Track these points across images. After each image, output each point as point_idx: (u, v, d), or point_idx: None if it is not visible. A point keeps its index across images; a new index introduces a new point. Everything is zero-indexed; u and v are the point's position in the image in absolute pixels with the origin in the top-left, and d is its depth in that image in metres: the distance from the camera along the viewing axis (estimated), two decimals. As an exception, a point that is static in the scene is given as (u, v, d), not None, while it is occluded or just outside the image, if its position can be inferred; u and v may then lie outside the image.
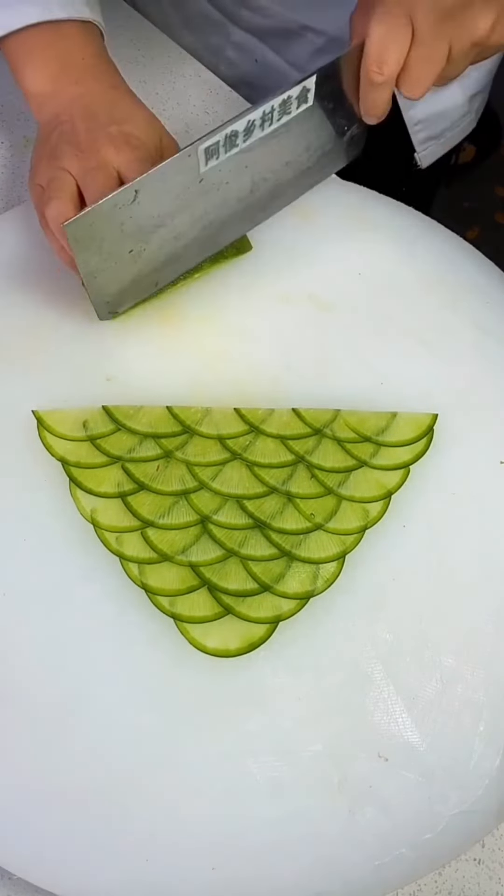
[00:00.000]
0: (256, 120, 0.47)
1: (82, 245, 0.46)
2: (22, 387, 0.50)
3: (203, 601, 0.45)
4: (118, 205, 0.45)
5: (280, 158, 0.52)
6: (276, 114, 0.48)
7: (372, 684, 0.44)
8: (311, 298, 0.55)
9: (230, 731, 0.42)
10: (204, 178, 0.48)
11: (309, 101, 0.49)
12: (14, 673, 0.43)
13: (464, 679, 0.44)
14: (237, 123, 0.46)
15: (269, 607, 0.45)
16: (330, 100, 0.51)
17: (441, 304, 0.56)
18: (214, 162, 0.47)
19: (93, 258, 0.47)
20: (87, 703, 0.42)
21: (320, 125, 0.52)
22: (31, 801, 0.41)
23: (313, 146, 0.54)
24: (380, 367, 0.53)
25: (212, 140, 0.46)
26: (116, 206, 0.45)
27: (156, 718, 0.42)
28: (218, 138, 0.46)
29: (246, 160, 0.50)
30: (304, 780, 0.41)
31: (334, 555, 0.46)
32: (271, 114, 0.47)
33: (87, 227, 0.45)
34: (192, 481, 0.47)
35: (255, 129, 0.47)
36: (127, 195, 0.45)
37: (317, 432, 0.49)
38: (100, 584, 0.45)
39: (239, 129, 0.47)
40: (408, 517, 0.48)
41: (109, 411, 0.49)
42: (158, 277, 0.53)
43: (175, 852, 0.40)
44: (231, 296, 0.55)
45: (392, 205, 0.62)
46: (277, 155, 0.52)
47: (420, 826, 0.41)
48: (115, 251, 0.48)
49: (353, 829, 0.41)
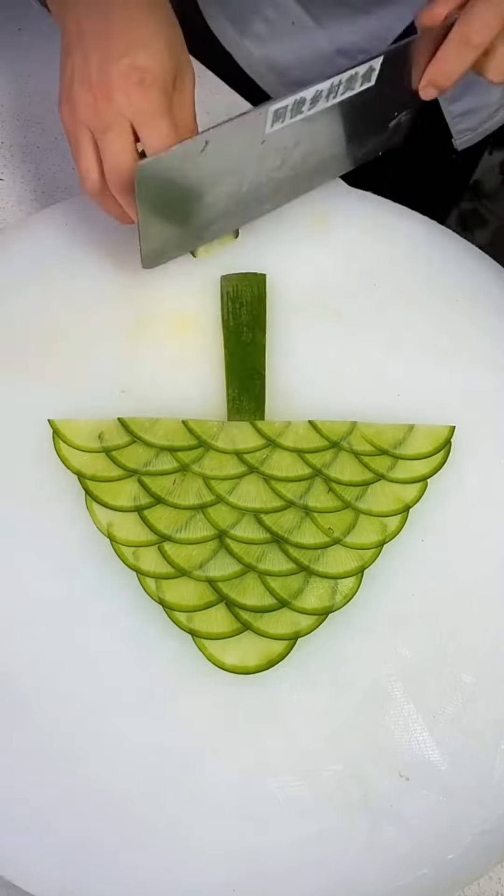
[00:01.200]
0: (323, 91, 0.49)
1: (146, 190, 0.47)
2: (36, 395, 0.50)
3: (221, 617, 0.44)
4: (187, 153, 0.47)
5: (335, 133, 0.55)
6: (342, 87, 0.50)
7: (392, 701, 0.43)
8: (326, 309, 0.55)
9: (249, 750, 0.42)
10: (266, 140, 0.50)
11: (372, 81, 0.51)
12: (29, 689, 0.42)
13: (485, 696, 0.44)
14: (305, 92, 0.49)
15: (287, 623, 0.44)
16: (389, 83, 0.52)
17: (457, 315, 0.56)
18: (279, 125, 0.50)
19: (154, 204, 0.48)
20: (103, 720, 0.42)
21: (375, 107, 0.55)
22: (46, 820, 0.40)
23: (365, 127, 0.56)
24: (396, 378, 0.53)
25: (281, 104, 0.48)
26: (186, 154, 0.47)
27: (173, 736, 0.42)
28: (287, 102, 0.48)
29: (306, 130, 0.52)
30: (325, 799, 0.41)
31: (352, 570, 0.46)
32: (338, 87, 0.50)
33: (155, 172, 0.46)
34: (209, 495, 0.47)
35: (321, 99, 0.50)
36: (197, 145, 0.47)
37: (334, 445, 0.49)
38: (116, 599, 0.44)
39: (307, 96, 0.49)
40: (426, 531, 0.48)
41: (125, 423, 0.49)
42: (204, 233, 0.54)
43: (195, 873, 0.40)
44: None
45: (407, 214, 0.61)
46: (333, 130, 0.54)
47: (442, 846, 0.41)
48: (175, 200, 0.49)
49: (375, 849, 0.40)
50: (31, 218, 0.59)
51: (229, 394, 0.51)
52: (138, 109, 0.47)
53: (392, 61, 0.50)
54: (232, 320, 0.54)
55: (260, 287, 0.55)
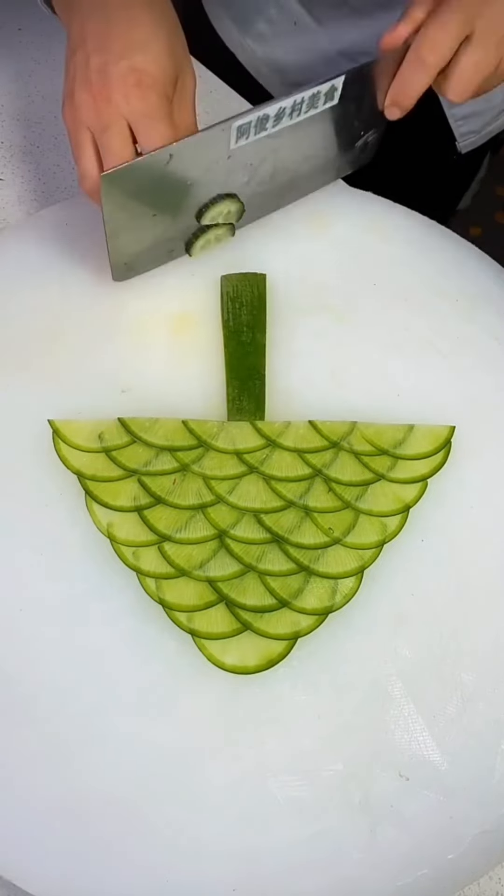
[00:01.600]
0: (287, 108, 0.50)
1: (112, 199, 0.47)
2: (36, 395, 0.50)
3: (221, 617, 0.44)
4: (153, 165, 0.47)
5: (301, 152, 0.55)
6: (304, 106, 0.51)
7: (392, 702, 0.43)
8: (326, 309, 0.55)
9: (249, 750, 0.42)
10: (232, 156, 0.50)
11: (335, 100, 0.52)
12: (30, 689, 0.42)
13: (485, 696, 0.44)
14: (269, 108, 0.49)
15: (287, 623, 0.44)
16: (353, 102, 0.53)
17: (457, 315, 0.56)
18: (244, 141, 0.50)
19: (119, 215, 0.48)
20: (103, 720, 0.42)
21: (341, 125, 0.55)
22: (46, 820, 0.40)
23: (331, 145, 0.57)
24: (396, 378, 0.53)
25: (245, 119, 0.49)
26: (151, 166, 0.47)
27: (173, 736, 0.42)
28: (251, 119, 0.49)
29: (271, 147, 0.52)
30: (325, 799, 0.41)
31: (352, 570, 0.46)
32: (301, 105, 0.50)
33: (119, 182, 0.46)
34: (209, 495, 0.47)
35: (285, 116, 0.50)
36: (162, 157, 0.47)
37: (333, 445, 0.49)
38: (116, 599, 0.44)
39: (270, 113, 0.49)
40: (426, 531, 0.48)
41: (125, 423, 0.49)
42: (174, 246, 0.54)
43: (195, 872, 0.40)
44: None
45: (407, 214, 0.61)
46: (299, 148, 0.55)
47: (442, 846, 0.41)
48: (141, 211, 0.49)
49: (375, 850, 0.40)
50: (31, 218, 0.59)
51: (229, 394, 0.51)
52: (136, 110, 0.47)
53: (354, 81, 0.51)
54: (232, 320, 0.54)
55: (260, 287, 0.55)
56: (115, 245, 0.51)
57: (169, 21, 0.50)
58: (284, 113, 0.50)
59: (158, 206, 0.50)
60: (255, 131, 0.50)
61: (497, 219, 1.75)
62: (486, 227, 1.62)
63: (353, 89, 0.52)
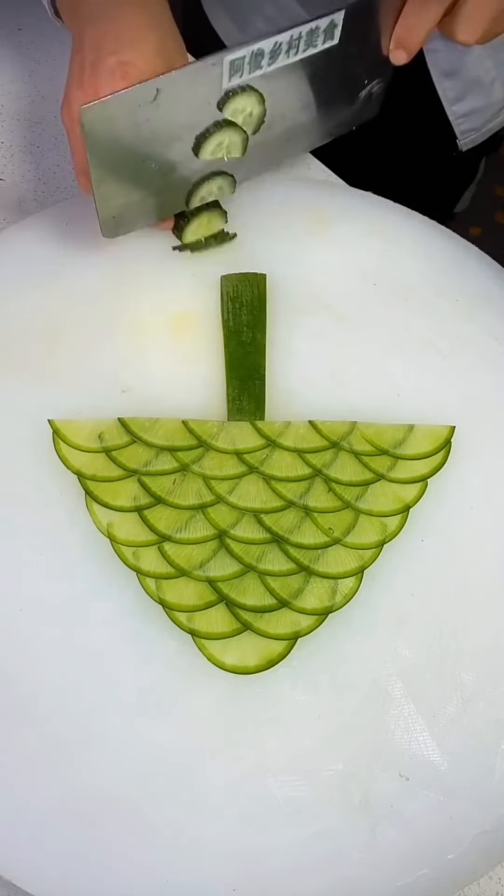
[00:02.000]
0: (283, 44, 0.47)
1: (97, 138, 0.45)
2: (36, 395, 0.50)
3: (221, 617, 0.44)
4: (138, 101, 0.44)
5: (299, 98, 0.52)
6: (302, 43, 0.47)
7: (392, 702, 0.43)
8: (326, 309, 0.55)
9: (249, 750, 0.42)
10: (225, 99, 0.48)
11: (335, 39, 0.49)
12: (30, 689, 0.42)
13: (485, 696, 0.44)
14: (263, 43, 0.46)
15: (287, 623, 0.44)
16: (356, 44, 0.50)
17: (457, 314, 0.56)
18: (238, 80, 0.47)
19: (105, 157, 0.46)
20: (103, 720, 0.42)
21: (343, 71, 0.52)
22: (46, 820, 0.40)
23: (333, 92, 0.53)
24: (396, 378, 0.53)
25: (238, 53, 0.46)
26: (136, 101, 0.44)
27: (173, 736, 0.42)
28: (244, 53, 0.46)
29: (267, 88, 0.49)
30: (325, 799, 0.41)
31: (352, 570, 0.46)
32: (297, 41, 0.47)
33: (104, 118, 0.44)
34: (209, 495, 0.47)
35: (281, 54, 0.47)
36: (148, 92, 0.44)
37: (334, 445, 0.49)
38: (116, 599, 0.44)
39: (265, 48, 0.46)
40: (426, 531, 0.48)
41: (125, 423, 0.49)
42: (165, 202, 0.52)
43: (195, 873, 0.40)
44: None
45: (407, 214, 0.61)
46: (297, 93, 0.52)
47: (442, 846, 0.41)
48: (128, 156, 0.47)
49: (375, 850, 0.40)
50: (31, 218, 0.59)
51: (229, 394, 0.51)
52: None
53: (356, 17, 0.48)
54: (232, 320, 0.54)
55: (260, 287, 0.55)
56: (102, 194, 0.48)
57: (163, 23, 0.50)
58: (280, 49, 0.47)
59: (147, 151, 0.47)
60: (249, 68, 0.47)
61: (497, 219, 1.75)
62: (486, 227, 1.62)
63: (355, 27, 0.48)
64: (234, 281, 0.55)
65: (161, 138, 0.47)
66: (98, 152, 0.45)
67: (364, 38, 0.50)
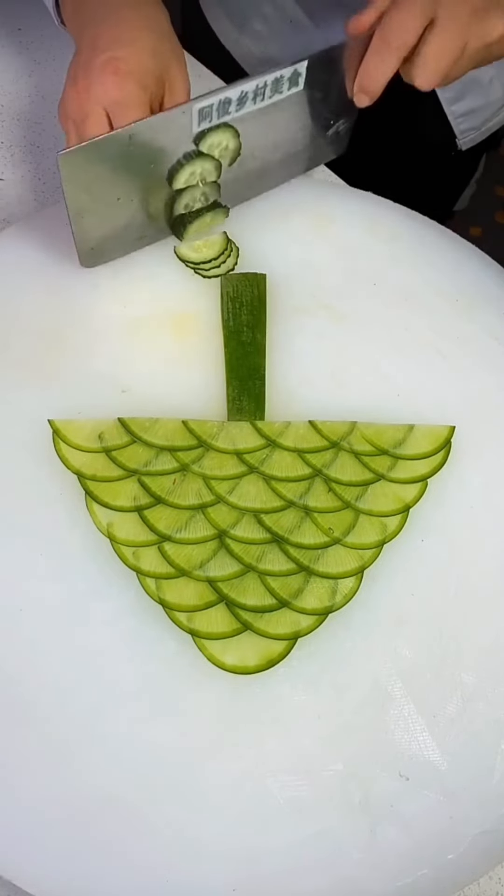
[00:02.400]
0: (249, 92, 0.49)
1: (74, 180, 0.47)
2: (36, 395, 0.50)
3: (221, 617, 0.44)
4: (113, 146, 0.47)
5: (269, 139, 0.55)
6: (267, 90, 0.50)
7: (392, 702, 0.43)
8: (326, 309, 0.55)
9: (249, 750, 0.42)
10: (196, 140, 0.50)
11: (300, 86, 0.52)
12: (30, 689, 0.42)
13: (485, 696, 0.44)
14: (230, 91, 0.49)
15: (287, 623, 0.44)
16: (320, 89, 0.53)
17: (457, 315, 0.56)
18: (206, 124, 0.50)
19: (82, 196, 0.48)
20: (103, 720, 0.42)
21: (309, 113, 0.55)
22: (47, 820, 0.40)
23: (300, 133, 0.56)
24: (396, 378, 0.53)
25: (206, 102, 0.48)
26: (111, 146, 0.47)
27: (173, 736, 0.42)
28: (212, 101, 0.48)
29: (240, 126, 0.52)
30: (325, 799, 0.41)
31: (352, 570, 0.46)
32: (263, 89, 0.50)
33: (80, 162, 0.46)
34: (209, 495, 0.47)
35: (248, 101, 0.50)
36: (122, 137, 0.47)
37: (333, 445, 0.49)
38: (117, 599, 0.44)
39: (232, 97, 0.49)
40: (426, 531, 0.48)
41: (125, 423, 0.49)
42: (145, 232, 0.54)
43: (195, 873, 0.40)
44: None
45: (407, 214, 0.61)
46: (266, 135, 0.54)
47: (442, 846, 0.41)
48: (105, 194, 0.49)
49: (375, 850, 0.40)
50: (31, 218, 0.59)
51: (229, 394, 0.51)
52: (113, 99, 0.48)
53: (319, 66, 0.51)
54: (232, 320, 0.54)
55: (260, 287, 0.55)
56: (80, 228, 0.50)
57: (160, 26, 0.52)
58: (247, 97, 0.49)
59: (123, 189, 0.50)
60: (217, 115, 0.49)
61: (497, 219, 1.75)
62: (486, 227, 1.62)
63: (318, 74, 0.51)
64: (234, 281, 0.55)
65: (136, 178, 0.50)
66: (75, 192, 0.48)
67: (328, 83, 0.53)
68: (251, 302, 0.54)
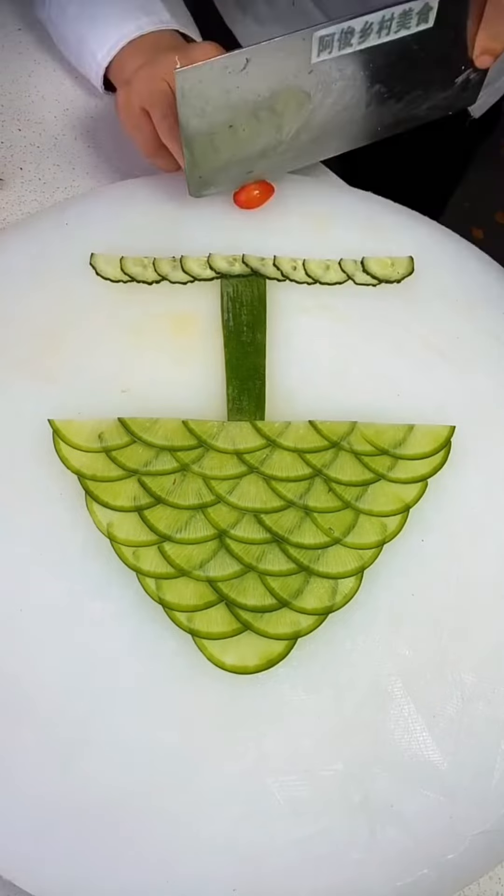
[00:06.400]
0: (374, 24, 0.47)
1: (188, 101, 0.46)
2: (36, 395, 0.50)
3: (221, 617, 0.44)
4: (228, 69, 0.46)
5: (392, 79, 0.52)
6: (394, 24, 0.48)
7: (392, 702, 0.43)
8: (326, 309, 0.55)
9: (249, 750, 0.42)
10: (314, 70, 0.48)
11: (429, 22, 0.48)
12: (30, 689, 0.42)
13: (485, 696, 0.44)
14: (354, 22, 0.47)
15: (287, 623, 0.44)
16: (453, 29, 0.50)
17: (457, 315, 0.56)
18: (327, 55, 0.48)
19: (195, 119, 0.48)
20: (103, 720, 0.42)
21: (436, 55, 0.51)
22: (47, 820, 0.40)
23: (426, 77, 0.53)
24: (396, 378, 0.53)
25: (328, 30, 0.46)
26: (227, 69, 0.46)
27: (173, 736, 0.42)
28: (334, 30, 0.46)
29: (358, 67, 0.49)
30: (325, 799, 0.41)
31: (352, 570, 0.46)
32: (390, 22, 0.47)
33: (195, 82, 0.46)
34: (209, 495, 0.47)
35: (372, 33, 0.47)
36: (238, 61, 0.46)
37: (334, 445, 0.49)
38: (116, 599, 0.44)
39: (355, 27, 0.47)
40: (426, 531, 0.48)
41: (125, 423, 0.49)
42: (253, 166, 0.53)
43: (195, 873, 0.40)
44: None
45: (406, 213, 0.61)
46: (390, 75, 0.51)
47: (442, 846, 0.41)
48: (217, 120, 0.48)
49: (375, 850, 0.40)
50: (31, 218, 0.59)
51: (229, 394, 0.51)
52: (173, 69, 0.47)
53: (452, 3, 0.47)
54: (232, 320, 0.54)
55: (260, 287, 0.55)
56: (191, 153, 0.50)
57: None
58: (371, 29, 0.47)
59: (235, 116, 0.49)
60: (338, 45, 0.47)
61: (497, 219, 1.75)
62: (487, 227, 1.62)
63: (450, 11, 0.48)
64: (234, 281, 0.55)
65: (248, 105, 0.49)
66: (189, 115, 0.47)
67: (461, 25, 0.49)
68: (251, 302, 0.54)
